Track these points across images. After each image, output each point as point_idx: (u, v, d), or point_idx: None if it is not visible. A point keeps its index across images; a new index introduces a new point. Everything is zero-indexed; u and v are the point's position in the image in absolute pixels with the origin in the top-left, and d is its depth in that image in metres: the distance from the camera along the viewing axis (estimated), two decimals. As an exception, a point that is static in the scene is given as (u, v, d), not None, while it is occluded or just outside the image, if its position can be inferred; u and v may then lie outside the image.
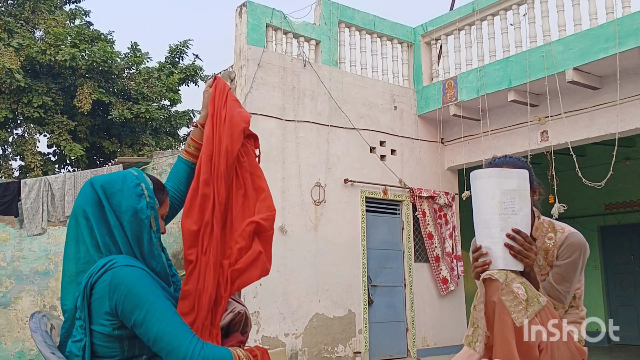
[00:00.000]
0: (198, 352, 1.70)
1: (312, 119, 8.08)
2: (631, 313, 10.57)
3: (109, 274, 1.71)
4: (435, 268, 8.93)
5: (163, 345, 1.69)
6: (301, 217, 7.68)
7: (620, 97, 7.06)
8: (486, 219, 2.17)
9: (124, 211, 1.81)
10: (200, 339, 1.75)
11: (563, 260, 2.32)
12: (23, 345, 7.96)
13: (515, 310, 2.01)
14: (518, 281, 2.09)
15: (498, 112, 8.47)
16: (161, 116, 14.00)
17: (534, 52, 7.56)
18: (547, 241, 2.37)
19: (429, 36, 9.26)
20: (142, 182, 1.88)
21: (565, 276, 2.31)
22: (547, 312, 2.13)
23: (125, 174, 1.89)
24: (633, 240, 10.74)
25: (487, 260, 2.14)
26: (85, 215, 1.81)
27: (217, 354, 1.74)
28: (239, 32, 7.85)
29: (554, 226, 2.40)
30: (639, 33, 6.53)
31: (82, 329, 1.75)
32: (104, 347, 1.75)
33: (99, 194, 1.82)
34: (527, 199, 2.17)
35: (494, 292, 2.06)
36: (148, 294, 1.72)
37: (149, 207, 1.85)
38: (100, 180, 1.86)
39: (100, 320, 1.73)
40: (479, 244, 2.19)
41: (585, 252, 2.35)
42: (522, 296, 2.04)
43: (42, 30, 13.31)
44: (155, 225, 1.88)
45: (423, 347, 8.57)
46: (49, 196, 7.06)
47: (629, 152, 9.86)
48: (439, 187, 9.14)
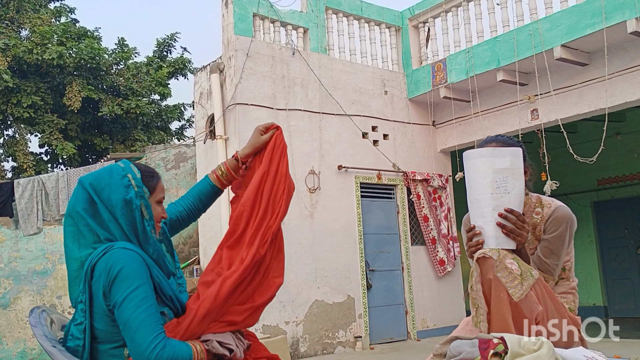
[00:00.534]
0: (157, 351, 1.70)
1: (304, 107, 8.08)
2: (627, 286, 10.69)
3: (107, 256, 1.76)
4: (431, 250, 8.99)
5: (130, 332, 1.71)
6: (297, 205, 7.70)
7: (608, 72, 7.09)
8: (478, 198, 2.18)
9: (115, 204, 1.84)
10: (165, 338, 1.75)
11: (550, 233, 2.36)
12: (25, 345, 7.99)
13: (512, 286, 2.04)
14: (510, 257, 2.12)
15: (488, 93, 8.49)
16: (152, 111, 13.97)
17: (522, 31, 7.57)
18: (534, 216, 2.41)
19: (416, 19, 9.24)
20: (128, 173, 1.90)
21: (553, 249, 2.35)
22: (541, 284, 2.17)
23: (111, 168, 1.92)
24: (626, 215, 10.83)
25: (480, 240, 2.16)
26: (80, 214, 1.84)
27: (177, 352, 1.75)
28: (226, 23, 7.82)
29: (541, 201, 2.44)
30: (625, 8, 6.54)
31: (82, 312, 1.78)
32: (106, 331, 1.78)
33: (89, 191, 1.85)
34: (520, 177, 2.17)
35: (489, 270, 2.08)
36: (134, 278, 1.75)
37: (138, 197, 1.87)
38: (89, 179, 1.89)
39: (100, 302, 1.77)
40: (472, 223, 2.21)
41: (572, 224, 2.38)
42: (516, 271, 2.07)
43: (28, 30, 13.22)
44: (148, 213, 1.90)
45: (423, 329, 8.65)
46: (43, 195, 7.06)
47: (620, 126, 9.92)
48: (432, 170, 9.18)
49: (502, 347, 1.88)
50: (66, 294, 8.30)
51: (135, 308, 1.72)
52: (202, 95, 8.37)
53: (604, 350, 2.11)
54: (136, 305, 1.72)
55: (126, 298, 1.72)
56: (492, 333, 1.98)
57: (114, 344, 1.79)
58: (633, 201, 10.62)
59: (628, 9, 6.50)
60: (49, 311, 2.05)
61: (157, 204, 1.99)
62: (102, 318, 1.77)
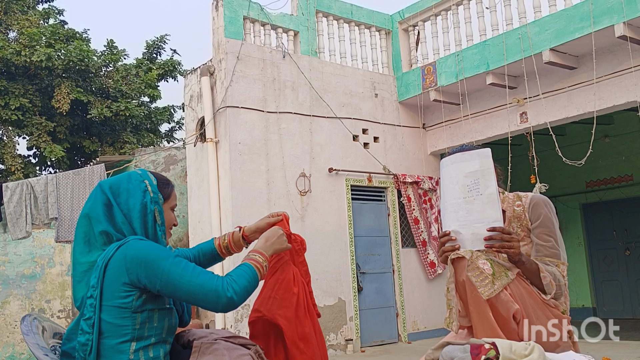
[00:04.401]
0: (230, 290, 1.86)
1: (294, 109, 8.09)
2: (615, 287, 10.78)
3: (123, 249, 1.84)
4: (422, 252, 9.02)
5: (195, 294, 1.83)
6: (287, 208, 7.69)
7: (596, 75, 7.15)
8: (452, 203, 2.24)
9: (131, 208, 1.95)
10: (223, 276, 1.90)
11: (537, 218, 2.42)
12: (13, 349, 7.93)
13: (481, 285, 2.08)
14: (484, 258, 2.14)
15: (477, 96, 8.54)
16: (141, 113, 13.90)
17: (511, 35, 7.63)
18: (516, 208, 2.47)
19: (406, 23, 9.28)
20: (145, 179, 2.02)
21: (547, 231, 2.40)
22: (519, 284, 2.19)
23: (130, 174, 2.05)
24: (615, 216, 10.93)
25: (455, 245, 2.20)
26: (96, 215, 1.94)
27: (243, 279, 1.91)
28: (217, 26, 7.81)
29: (519, 195, 2.52)
30: (613, 12, 6.61)
31: (92, 307, 1.83)
32: (114, 324, 1.82)
33: (107, 195, 1.96)
34: (491, 176, 2.20)
35: (462, 271, 2.12)
36: (163, 257, 1.85)
37: (153, 202, 2.00)
38: (108, 183, 2.02)
39: (116, 293, 1.82)
40: (446, 229, 2.25)
41: (551, 205, 2.47)
42: (487, 271, 2.10)
43: (16, 31, 13.11)
44: (160, 218, 2.01)
45: (414, 331, 8.68)
46: (31, 199, 7.00)
47: (608, 129, 10.01)
48: (422, 172, 9.21)
49: (494, 352, 1.90)
50: (55, 298, 8.25)
51: (183, 273, 1.83)
52: (193, 98, 8.35)
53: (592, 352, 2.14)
54: (183, 271, 1.84)
55: (170, 272, 1.82)
56: (484, 338, 2.00)
57: (121, 339, 1.83)
58: (621, 203, 10.72)
59: (616, 13, 6.57)
60: (41, 319, 2.05)
61: (170, 210, 2.11)
62: (113, 310, 1.82)
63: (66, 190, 7.10)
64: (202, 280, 1.84)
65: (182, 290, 1.83)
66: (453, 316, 2.21)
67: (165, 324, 1.93)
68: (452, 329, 2.25)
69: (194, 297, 1.83)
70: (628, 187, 10.64)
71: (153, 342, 1.88)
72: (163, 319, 1.92)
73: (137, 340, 1.84)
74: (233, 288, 1.86)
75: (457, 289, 2.15)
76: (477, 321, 2.09)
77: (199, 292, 1.82)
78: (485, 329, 2.06)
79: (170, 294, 1.85)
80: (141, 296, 1.84)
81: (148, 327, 1.87)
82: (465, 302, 2.13)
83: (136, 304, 1.84)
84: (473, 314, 2.10)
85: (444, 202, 2.28)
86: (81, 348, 1.81)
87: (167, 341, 1.95)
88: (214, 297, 1.83)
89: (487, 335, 2.03)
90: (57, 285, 8.27)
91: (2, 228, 7.70)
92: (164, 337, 1.93)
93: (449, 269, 2.18)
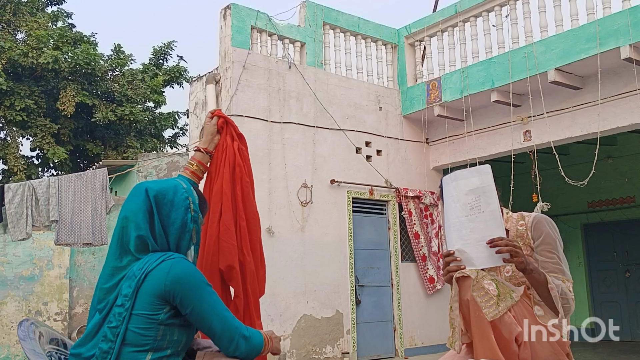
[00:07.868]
0: (248, 332, 1.96)
1: (298, 120, 8.10)
2: (615, 309, 10.72)
3: (168, 263, 1.84)
4: (422, 267, 8.99)
5: (220, 326, 1.91)
6: (288, 218, 7.69)
7: (601, 96, 7.16)
8: (455, 222, 2.21)
9: (172, 222, 1.94)
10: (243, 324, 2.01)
11: (539, 236, 2.41)
12: (8, 351, 7.89)
13: (486, 306, 2.06)
14: (489, 278, 2.13)
15: (481, 113, 8.54)
16: (145, 118, 13.94)
17: (516, 53, 7.65)
18: (519, 228, 2.46)
19: (412, 37, 9.31)
20: (190, 196, 2.01)
21: (550, 247, 2.39)
22: (522, 306, 2.18)
23: (177, 186, 2.02)
24: (616, 238, 10.89)
25: (461, 266, 2.17)
26: (136, 220, 1.92)
27: (255, 336, 1.99)
28: (224, 35, 7.84)
29: (522, 215, 2.51)
30: (619, 33, 6.63)
31: (120, 317, 1.82)
32: (139, 334, 1.82)
33: (151, 202, 1.93)
34: (493, 193, 2.18)
35: (466, 291, 2.11)
36: (204, 287, 1.89)
37: (193, 221, 1.98)
38: (154, 189, 1.97)
39: (146, 304, 1.82)
40: (450, 248, 2.21)
41: (553, 224, 2.47)
42: (492, 292, 2.09)
43: (24, 33, 13.18)
44: (196, 237, 2.02)
45: (411, 347, 8.63)
46: (33, 201, 7.00)
47: (611, 150, 10.00)
48: (424, 187, 9.21)
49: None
50: (52, 300, 8.22)
51: (215, 311, 1.89)
52: (197, 105, 8.37)
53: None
54: (214, 309, 1.90)
55: (204, 305, 1.87)
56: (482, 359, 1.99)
57: (139, 348, 1.82)
58: (622, 225, 10.68)
59: (622, 35, 6.59)
60: (38, 324, 2.04)
61: None
62: (139, 319, 1.82)
63: (68, 193, 7.09)
64: (229, 318, 1.93)
65: (207, 320, 1.88)
66: (456, 336, 2.19)
67: (183, 338, 1.93)
68: (454, 348, 2.23)
69: (212, 332, 1.91)
70: (630, 208, 10.61)
71: (168, 355, 1.88)
72: (183, 334, 1.92)
73: (155, 351, 1.84)
74: (245, 336, 1.94)
75: (461, 307, 2.13)
76: (479, 342, 2.07)
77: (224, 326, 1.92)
78: (486, 350, 2.05)
79: (195, 320, 1.89)
80: (170, 311, 1.86)
81: (168, 340, 1.87)
82: (467, 321, 2.12)
83: (164, 317, 1.85)
84: (475, 334, 2.08)
85: (447, 221, 2.25)
86: (101, 355, 1.81)
87: (180, 354, 1.95)
88: (229, 336, 1.92)
89: (487, 356, 2.03)
90: (55, 288, 8.25)
91: (2, 229, 7.69)
92: (179, 350, 1.93)
93: (453, 288, 2.16)
